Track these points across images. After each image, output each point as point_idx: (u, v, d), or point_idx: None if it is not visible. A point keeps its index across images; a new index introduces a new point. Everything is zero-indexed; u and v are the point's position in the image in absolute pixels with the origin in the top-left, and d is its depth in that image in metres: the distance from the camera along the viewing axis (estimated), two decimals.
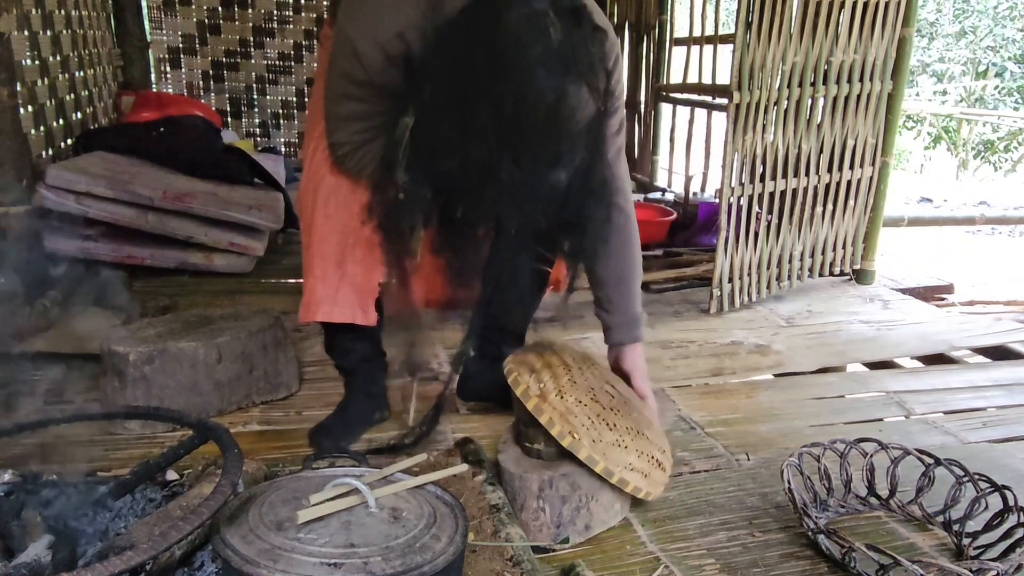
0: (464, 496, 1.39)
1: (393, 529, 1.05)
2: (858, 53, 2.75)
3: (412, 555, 1.00)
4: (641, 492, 1.38)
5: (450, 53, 1.25)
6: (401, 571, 0.96)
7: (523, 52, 1.19)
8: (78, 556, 1.09)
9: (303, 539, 1.01)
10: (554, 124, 1.25)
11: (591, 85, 1.28)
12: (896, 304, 2.85)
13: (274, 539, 1.01)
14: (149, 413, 1.45)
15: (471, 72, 1.23)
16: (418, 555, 1.00)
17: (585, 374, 1.44)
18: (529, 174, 1.29)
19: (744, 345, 2.39)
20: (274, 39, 5.48)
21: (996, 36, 12.55)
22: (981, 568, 1.19)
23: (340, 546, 1.00)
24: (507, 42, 1.20)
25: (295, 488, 1.15)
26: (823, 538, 1.33)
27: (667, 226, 3.45)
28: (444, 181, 1.33)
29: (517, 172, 1.28)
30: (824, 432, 1.81)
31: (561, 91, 1.22)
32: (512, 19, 1.20)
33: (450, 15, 1.26)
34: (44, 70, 3.21)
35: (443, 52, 1.26)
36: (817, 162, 2.78)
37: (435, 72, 1.28)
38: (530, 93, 1.20)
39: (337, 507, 1.07)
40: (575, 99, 1.25)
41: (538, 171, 1.30)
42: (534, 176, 1.30)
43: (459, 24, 1.25)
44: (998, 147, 11.31)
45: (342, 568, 0.96)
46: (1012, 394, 2.08)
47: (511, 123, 1.23)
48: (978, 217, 5.30)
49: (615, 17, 5.49)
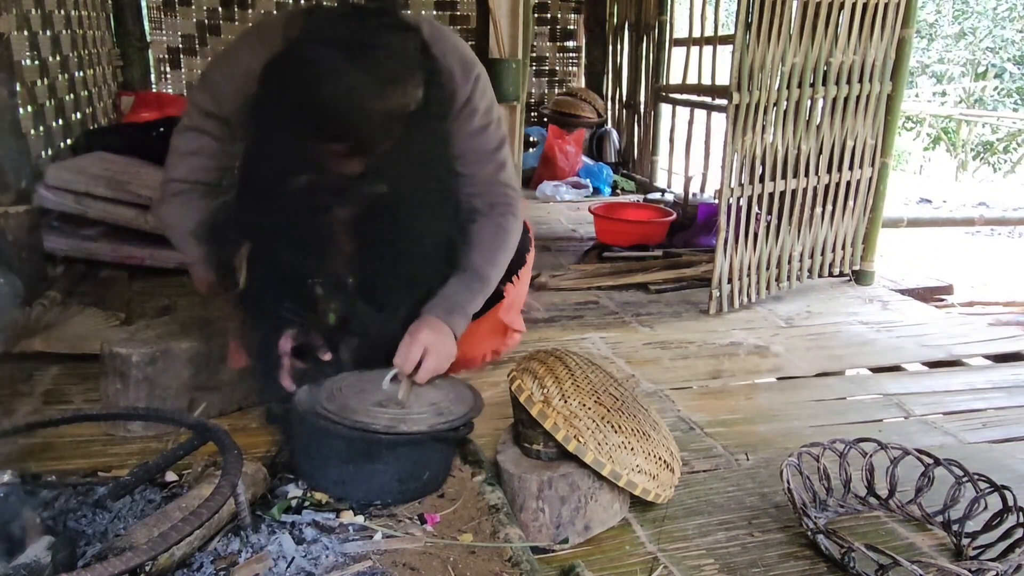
0: (463, 497, 1.40)
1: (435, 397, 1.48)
2: (857, 54, 2.75)
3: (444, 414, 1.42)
4: (650, 494, 1.38)
5: (279, 83, 1.35)
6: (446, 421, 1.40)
7: (341, 71, 1.29)
8: (77, 557, 1.09)
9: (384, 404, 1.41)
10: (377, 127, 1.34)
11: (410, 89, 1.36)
12: (895, 305, 2.85)
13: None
14: (148, 414, 1.45)
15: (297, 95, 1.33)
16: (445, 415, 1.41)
17: (588, 376, 1.44)
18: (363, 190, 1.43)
19: (743, 346, 2.39)
20: None
21: (995, 37, 12.56)
22: (980, 568, 1.19)
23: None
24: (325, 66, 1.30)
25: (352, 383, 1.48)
26: (822, 538, 1.33)
27: (666, 226, 3.45)
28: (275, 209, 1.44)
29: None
30: (824, 432, 1.81)
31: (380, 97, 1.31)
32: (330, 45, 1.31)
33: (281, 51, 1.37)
34: (43, 70, 3.21)
35: (273, 84, 1.36)
36: (816, 163, 2.79)
37: (268, 101, 1.37)
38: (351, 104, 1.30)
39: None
40: (397, 101, 1.34)
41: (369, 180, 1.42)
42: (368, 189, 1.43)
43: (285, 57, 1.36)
44: (997, 148, 11.31)
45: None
46: (1012, 395, 2.08)
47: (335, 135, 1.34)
48: (977, 218, 5.31)
49: (615, 17, 5.50)
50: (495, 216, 1.68)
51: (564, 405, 1.34)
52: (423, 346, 1.48)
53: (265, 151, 1.41)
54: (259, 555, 1.17)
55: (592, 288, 2.93)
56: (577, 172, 5.01)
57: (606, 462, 1.32)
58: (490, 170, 1.66)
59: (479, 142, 1.64)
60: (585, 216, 3.91)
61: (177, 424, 1.46)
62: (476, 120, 1.61)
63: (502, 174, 1.69)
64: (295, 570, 1.15)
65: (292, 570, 1.15)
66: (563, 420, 1.32)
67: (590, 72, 5.92)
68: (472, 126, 1.61)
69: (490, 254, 1.67)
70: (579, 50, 6.11)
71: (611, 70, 5.65)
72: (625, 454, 1.34)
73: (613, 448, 1.33)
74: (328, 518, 1.30)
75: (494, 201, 1.68)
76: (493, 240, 1.68)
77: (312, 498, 1.34)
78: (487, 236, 1.67)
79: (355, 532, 1.27)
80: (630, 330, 2.51)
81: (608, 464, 1.32)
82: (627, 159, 5.44)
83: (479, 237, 1.66)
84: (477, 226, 1.68)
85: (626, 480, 1.33)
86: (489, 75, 1.67)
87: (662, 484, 1.40)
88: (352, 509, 1.33)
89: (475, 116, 1.61)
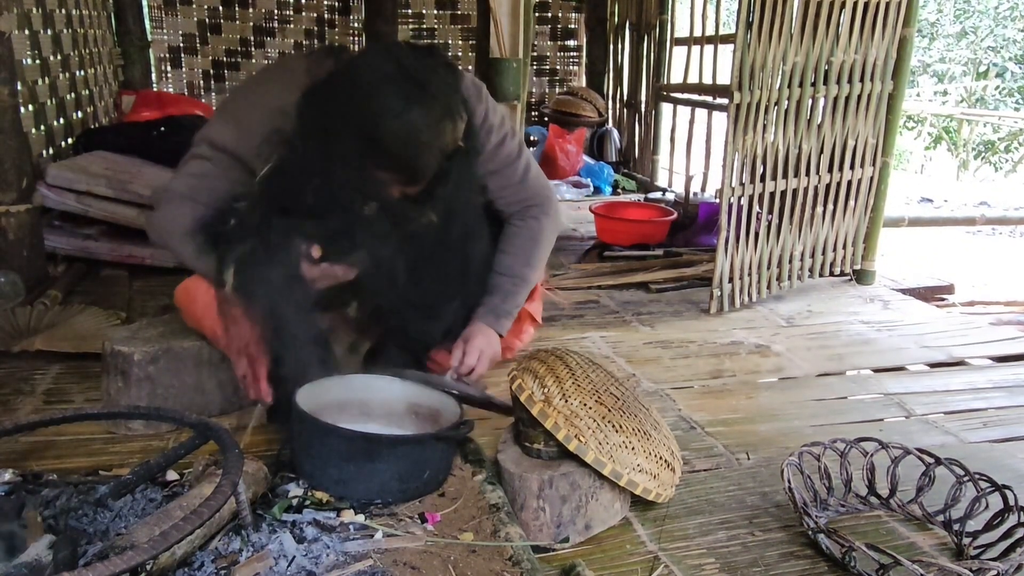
0: (464, 496, 1.40)
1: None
2: (859, 53, 2.75)
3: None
4: (651, 494, 1.38)
5: (315, 113, 1.41)
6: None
7: (377, 95, 1.35)
8: (79, 555, 1.09)
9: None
10: (414, 154, 1.39)
11: (448, 116, 1.42)
12: (896, 304, 2.85)
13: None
14: (150, 413, 1.45)
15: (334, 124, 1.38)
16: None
17: (589, 376, 1.43)
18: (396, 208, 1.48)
19: (744, 345, 2.39)
20: (274, 38, 5.49)
21: (997, 36, 12.55)
22: (981, 568, 1.19)
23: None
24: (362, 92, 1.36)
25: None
26: (823, 537, 1.33)
27: (667, 226, 3.44)
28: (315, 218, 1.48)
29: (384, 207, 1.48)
30: (824, 432, 1.81)
31: (414, 123, 1.36)
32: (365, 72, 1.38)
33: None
34: (45, 69, 3.21)
35: (309, 114, 1.41)
36: (817, 162, 2.78)
37: (305, 130, 1.42)
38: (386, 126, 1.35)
39: None
40: (431, 130, 1.39)
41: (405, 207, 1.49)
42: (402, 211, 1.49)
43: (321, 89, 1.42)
44: (999, 147, 11.30)
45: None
46: (1012, 395, 2.08)
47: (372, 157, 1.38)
48: (978, 217, 5.30)
49: (616, 16, 5.50)
50: (528, 219, 1.81)
51: (565, 404, 1.34)
52: (478, 351, 1.69)
53: (307, 181, 1.44)
54: (260, 554, 1.17)
55: (593, 287, 2.93)
56: (578, 171, 5.01)
57: (607, 461, 1.32)
58: (517, 179, 1.77)
59: (501, 156, 1.73)
60: (586, 215, 3.91)
61: (178, 423, 1.46)
62: (494, 136, 1.70)
63: (528, 179, 1.79)
64: (296, 569, 1.15)
65: (293, 569, 1.15)
66: (564, 419, 1.32)
67: (591, 71, 5.93)
68: (492, 142, 1.70)
69: (527, 257, 1.80)
70: (580, 49, 6.11)
71: (612, 69, 5.65)
72: (626, 453, 1.34)
73: (614, 447, 1.33)
74: (329, 517, 1.30)
75: (527, 204, 1.80)
76: (528, 243, 1.81)
77: (313, 497, 1.34)
78: (522, 240, 1.80)
79: (356, 531, 1.27)
80: (631, 329, 2.51)
81: (609, 463, 1.32)
82: (628, 158, 5.45)
83: (516, 243, 1.80)
84: (513, 231, 1.81)
85: (627, 479, 1.33)
86: (490, 74, 1.70)
87: (663, 483, 1.40)
88: (353, 508, 1.33)
89: (492, 132, 1.69)
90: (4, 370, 1.96)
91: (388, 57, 1.40)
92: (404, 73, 1.35)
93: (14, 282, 2.43)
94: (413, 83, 1.35)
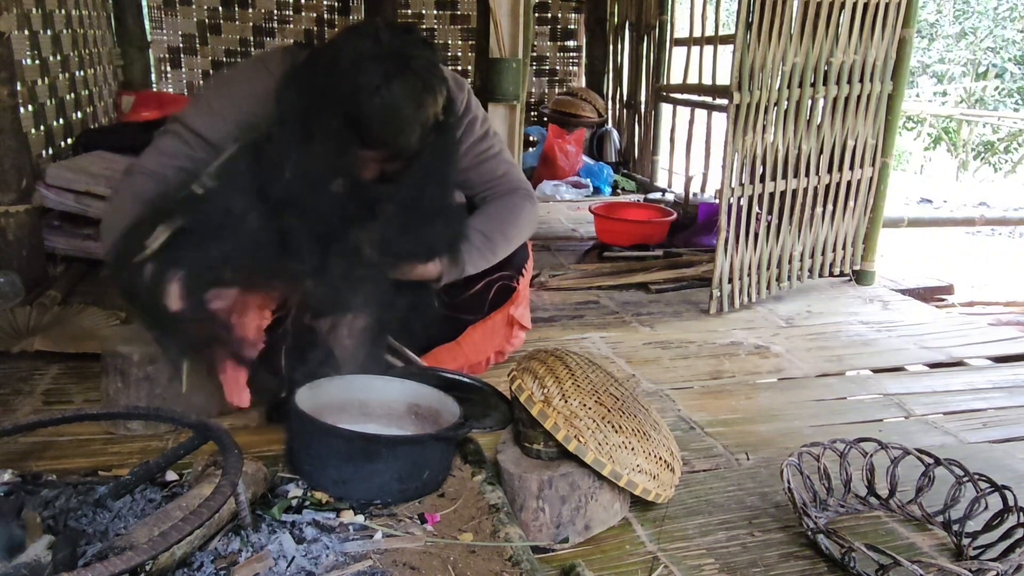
0: (463, 496, 1.40)
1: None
2: (858, 54, 2.75)
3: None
4: (651, 494, 1.37)
5: (295, 93, 1.41)
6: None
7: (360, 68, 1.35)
8: (78, 556, 1.09)
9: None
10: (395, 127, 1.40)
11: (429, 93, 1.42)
12: (896, 305, 2.85)
13: None
14: (149, 414, 1.45)
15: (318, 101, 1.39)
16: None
17: (588, 376, 1.43)
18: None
19: (744, 346, 2.39)
20: (274, 38, 5.49)
21: (996, 37, 12.55)
22: (981, 568, 1.19)
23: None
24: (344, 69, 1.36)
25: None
26: (823, 538, 1.33)
27: (667, 226, 3.44)
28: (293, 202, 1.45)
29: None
30: (824, 432, 1.81)
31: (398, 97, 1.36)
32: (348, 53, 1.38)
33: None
34: (44, 69, 3.21)
35: (289, 95, 1.42)
36: (817, 163, 2.79)
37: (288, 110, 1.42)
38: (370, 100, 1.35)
39: None
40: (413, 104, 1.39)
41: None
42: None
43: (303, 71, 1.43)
44: (998, 148, 11.30)
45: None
46: (1012, 395, 2.08)
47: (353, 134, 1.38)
48: (978, 218, 5.30)
49: (615, 17, 5.50)
50: (513, 197, 1.80)
51: (564, 405, 1.34)
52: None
53: (293, 161, 1.42)
54: (259, 554, 1.17)
55: (592, 288, 2.93)
56: (577, 172, 5.01)
57: (606, 462, 1.32)
58: (501, 171, 1.78)
59: (484, 146, 1.74)
60: (585, 216, 3.91)
61: (177, 423, 1.46)
62: (478, 127, 1.71)
63: (512, 172, 1.80)
64: (295, 569, 1.15)
65: (292, 569, 1.15)
66: (563, 420, 1.32)
67: (590, 72, 5.93)
68: (475, 133, 1.70)
69: (502, 224, 1.77)
70: (579, 50, 6.11)
71: (612, 70, 5.65)
72: (625, 454, 1.34)
73: (613, 448, 1.33)
74: (328, 517, 1.30)
75: (508, 190, 1.80)
76: (507, 213, 1.78)
77: (312, 497, 1.34)
78: (501, 209, 1.78)
79: (355, 531, 1.27)
80: (630, 330, 2.51)
81: (608, 464, 1.32)
82: (627, 159, 5.45)
83: (494, 209, 1.78)
84: (495, 202, 1.79)
85: (626, 480, 1.33)
86: (489, 74, 1.72)
87: (662, 484, 1.40)
88: (352, 508, 1.33)
89: (476, 123, 1.70)
90: (3, 370, 1.96)
91: (366, 35, 1.40)
92: (383, 50, 1.36)
93: (13, 282, 2.43)
94: (392, 59, 1.35)
